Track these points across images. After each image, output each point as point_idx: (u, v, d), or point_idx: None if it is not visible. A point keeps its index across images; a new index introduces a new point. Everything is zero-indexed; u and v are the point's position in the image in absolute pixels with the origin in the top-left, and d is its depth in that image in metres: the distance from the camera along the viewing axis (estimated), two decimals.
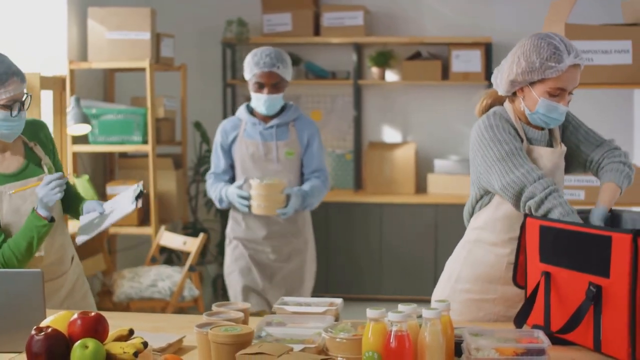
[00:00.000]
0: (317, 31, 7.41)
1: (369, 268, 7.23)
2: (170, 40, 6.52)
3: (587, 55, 4.03)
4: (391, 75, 7.61)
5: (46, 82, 4.27)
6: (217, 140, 4.49)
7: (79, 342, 2.02)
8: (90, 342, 2.02)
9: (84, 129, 5.81)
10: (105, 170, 6.76)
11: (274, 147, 4.39)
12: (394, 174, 7.32)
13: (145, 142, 6.11)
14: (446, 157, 7.48)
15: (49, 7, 6.03)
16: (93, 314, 2.11)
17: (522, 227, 2.72)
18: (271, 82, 4.26)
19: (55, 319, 2.17)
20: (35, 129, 3.20)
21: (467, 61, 7.18)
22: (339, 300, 2.78)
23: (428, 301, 2.83)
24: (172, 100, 6.71)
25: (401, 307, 2.20)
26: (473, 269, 3.03)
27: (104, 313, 2.31)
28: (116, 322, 2.76)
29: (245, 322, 2.55)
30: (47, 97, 4.51)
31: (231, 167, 4.48)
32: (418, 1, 7.54)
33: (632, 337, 2.30)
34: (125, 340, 2.12)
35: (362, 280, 7.23)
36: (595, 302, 2.40)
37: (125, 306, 5.33)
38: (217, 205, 4.48)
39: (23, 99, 3.00)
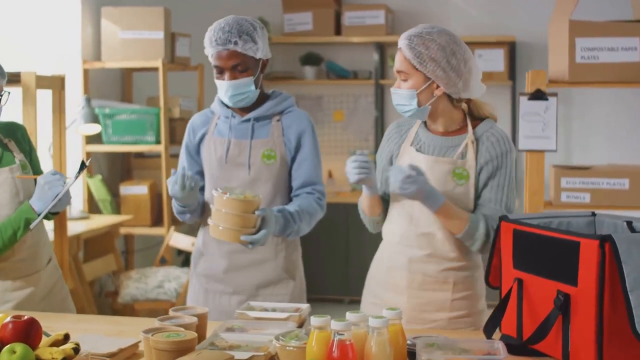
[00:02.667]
0: (338, 30, 7.32)
1: None
2: (186, 39, 6.48)
3: (593, 53, 3.88)
4: None
5: (43, 81, 4.22)
6: (183, 141, 3.46)
7: (6, 347, 1.95)
8: (19, 347, 1.95)
9: (94, 129, 5.79)
10: (122, 170, 6.74)
11: (247, 147, 3.30)
12: None
13: (158, 142, 6.07)
14: None
15: (63, 7, 6.03)
16: (25, 317, 2.04)
17: (497, 230, 2.60)
18: (230, 65, 3.16)
19: None
20: (12, 129, 3.21)
21: (490, 60, 7.03)
22: (305, 306, 2.69)
23: None
24: (188, 100, 6.66)
25: (348, 315, 2.11)
26: (371, 268, 3.10)
27: (88, 316, 2.25)
28: (82, 326, 2.71)
29: (202, 327, 2.47)
30: (46, 97, 4.47)
31: (201, 174, 3.41)
32: (440, 0, 7.42)
33: (599, 348, 2.17)
34: (60, 346, 2.05)
35: None
36: (564, 311, 2.27)
37: (130, 307, 5.29)
38: (180, 218, 3.39)
39: (1, 93, 3.01)
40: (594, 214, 2.73)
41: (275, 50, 7.72)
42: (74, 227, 5.29)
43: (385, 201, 3.03)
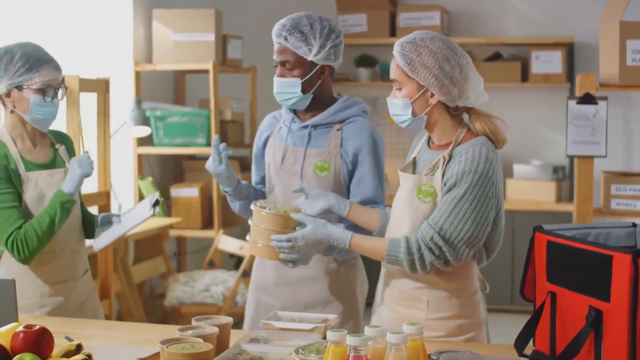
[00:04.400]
0: (392, 32, 7.23)
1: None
2: (238, 41, 6.46)
3: None
4: None
5: (87, 85, 4.23)
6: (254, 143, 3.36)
7: (16, 357, 1.93)
8: (28, 357, 1.93)
9: (143, 131, 5.80)
10: (175, 173, 6.75)
11: (301, 156, 3.12)
12: None
13: (209, 144, 6.06)
14: (526, 162, 7.19)
15: (115, 9, 6.05)
16: (37, 327, 2.02)
17: (531, 242, 2.50)
18: (279, 60, 3.05)
19: (4, 331, 2.09)
20: (62, 137, 3.31)
21: (547, 62, 6.88)
22: (333, 317, 2.62)
23: (503, 311, 2.69)
24: (240, 102, 6.64)
25: (366, 329, 2.04)
26: None
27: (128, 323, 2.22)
28: (109, 333, 2.69)
29: (224, 337, 2.43)
30: (90, 100, 4.48)
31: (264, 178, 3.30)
32: (497, 0, 7.28)
33: None
34: (71, 356, 2.02)
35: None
36: (596, 328, 2.17)
37: (177, 310, 5.28)
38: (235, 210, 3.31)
39: (58, 87, 3.10)
40: (634, 225, 2.62)
41: None
42: None
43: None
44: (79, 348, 2.05)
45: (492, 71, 7.07)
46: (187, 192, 6.18)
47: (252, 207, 2.87)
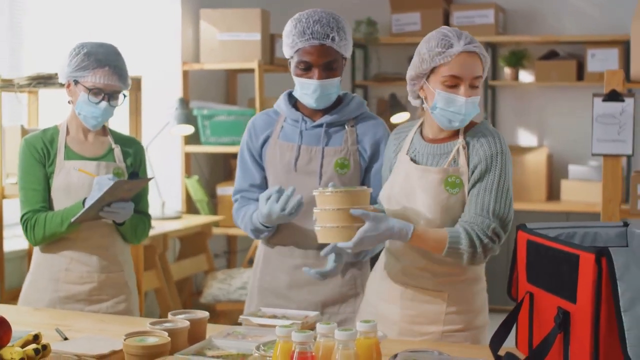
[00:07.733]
0: None
1: (498, 277, 6.87)
2: None
3: None
4: (525, 76, 7.23)
5: None
6: (243, 143, 3.14)
7: None
8: None
9: (186, 129, 5.85)
10: (224, 171, 6.80)
11: (319, 155, 3.00)
12: (525, 179, 6.96)
13: None
14: (582, 163, 7.03)
15: (163, 9, 6.13)
16: None
17: (515, 241, 2.45)
18: (323, 61, 2.87)
19: None
20: (128, 141, 3.34)
21: (603, 60, 6.70)
22: (314, 314, 2.60)
23: None
24: None
25: (318, 326, 2.01)
26: (370, 275, 3.01)
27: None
28: (101, 326, 2.72)
29: (198, 332, 2.43)
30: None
31: (265, 180, 3.11)
32: None
33: None
34: (27, 346, 2.05)
35: (492, 290, 6.88)
36: (564, 329, 2.10)
37: (212, 308, 5.31)
38: (252, 236, 3.10)
39: (111, 92, 3.12)
40: (626, 224, 2.53)
41: (383, 50, 7.64)
42: (163, 226, 5.36)
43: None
44: (36, 338, 2.08)
45: (547, 70, 6.94)
46: (232, 191, 6.19)
47: (315, 192, 2.60)
